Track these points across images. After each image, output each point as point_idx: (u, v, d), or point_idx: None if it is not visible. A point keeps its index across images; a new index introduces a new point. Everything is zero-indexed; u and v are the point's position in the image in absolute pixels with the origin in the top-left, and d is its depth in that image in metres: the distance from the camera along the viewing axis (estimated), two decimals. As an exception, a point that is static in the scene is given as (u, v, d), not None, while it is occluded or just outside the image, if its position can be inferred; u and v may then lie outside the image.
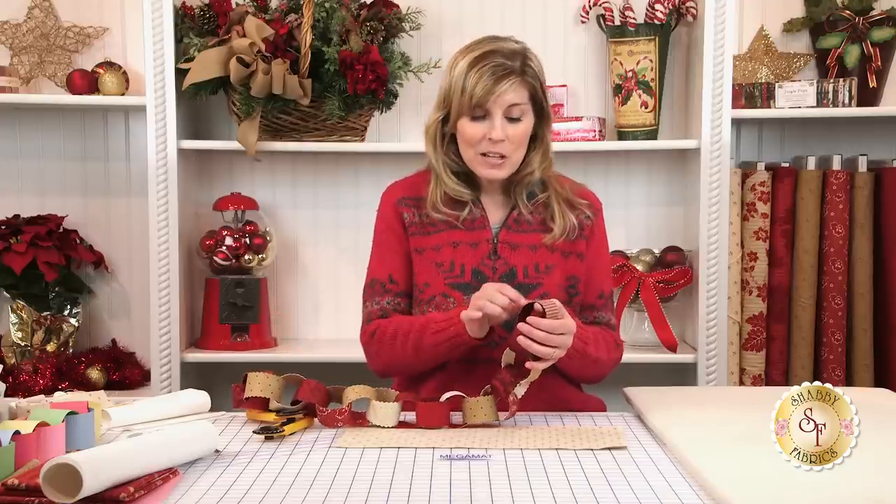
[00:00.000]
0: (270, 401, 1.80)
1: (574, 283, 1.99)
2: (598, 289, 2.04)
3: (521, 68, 1.92)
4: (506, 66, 1.91)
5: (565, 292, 1.97)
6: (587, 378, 2.02)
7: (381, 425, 1.75)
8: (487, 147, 1.93)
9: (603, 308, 2.04)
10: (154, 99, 2.72)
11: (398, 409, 1.77)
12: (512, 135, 1.93)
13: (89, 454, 1.33)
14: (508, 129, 1.93)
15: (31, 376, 2.74)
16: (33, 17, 2.96)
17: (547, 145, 2.00)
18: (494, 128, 1.92)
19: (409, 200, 2.04)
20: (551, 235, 1.98)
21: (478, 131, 1.93)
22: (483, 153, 1.94)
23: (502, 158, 1.94)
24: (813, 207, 2.86)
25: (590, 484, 1.42)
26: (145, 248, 2.79)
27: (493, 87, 1.90)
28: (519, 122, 1.94)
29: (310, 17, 2.64)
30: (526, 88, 1.93)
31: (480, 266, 1.97)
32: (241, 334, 2.85)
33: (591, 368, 1.95)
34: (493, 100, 1.91)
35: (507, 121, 1.93)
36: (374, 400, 1.78)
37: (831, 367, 2.86)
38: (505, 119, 1.92)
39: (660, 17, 2.85)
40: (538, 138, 1.99)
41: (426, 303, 1.98)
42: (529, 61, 1.95)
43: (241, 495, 1.37)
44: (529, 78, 1.93)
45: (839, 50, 2.90)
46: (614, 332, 2.06)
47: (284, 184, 3.04)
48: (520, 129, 1.94)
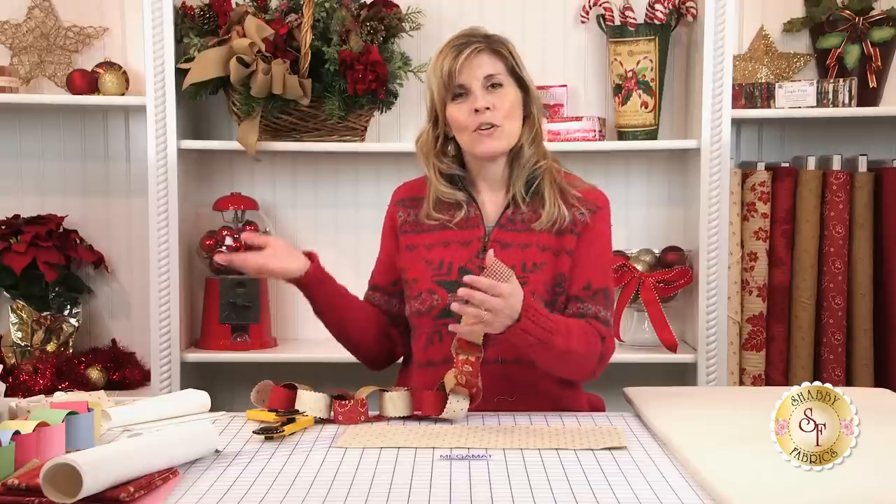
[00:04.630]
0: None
1: (561, 282, 1.96)
2: (584, 280, 1.96)
3: (489, 42, 1.97)
4: (472, 40, 1.96)
5: (551, 291, 1.95)
6: (565, 372, 1.94)
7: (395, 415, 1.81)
8: (477, 120, 1.94)
9: (590, 300, 1.96)
10: (154, 99, 2.72)
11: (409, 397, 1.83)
12: (497, 102, 1.94)
13: (89, 454, 1.33)
14: (492, 98, 1.94)
15: (31, 376, 2.74)
16: (33, 17, 2.96)
17: (535, 121, 2.01)
18: (476, 98, 1.93)
19: (409, 201, 2.08)
20: (539, 222, 1.98)
21: (463, 110, 1.95)
22: (475, 130, 1.95)
23: (495, 128, 1.95)
24: (813, 207, 2.86)
25: (590, 484, 1.42)
26: (145, 248, 2.79)
27: (459, 55, 1.93)
28: (501, 89, 1.96)
29: (310, 17, 2.64)
30: (500, 60, 1.96)
31: (468, 264, 1.97)
32: (241, 334, 2.85)
33: (566, 361, 1.87)
34: (465, 72, 1.94)
35: (488, 92, 1.94)
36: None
37: (831, 367, 2.86)
38: (485, 90, 1.94)
39: (660, 17, 2.85)
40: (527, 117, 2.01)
41: (413, 298, 2.00)
42: (500, 40, 1.98)
43: (241, 495, 1.37)
44: (501, 50, 1.97)
45: (839, 50, 2.89)
46: (602, 325, 1.96)
47: (284, 184, 3.04)
48: (504, 96, 1.96)
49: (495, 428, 1.75)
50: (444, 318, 1.93)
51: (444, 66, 1.95)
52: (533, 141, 2.01)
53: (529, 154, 2.00)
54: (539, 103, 2.03)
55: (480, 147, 1.97)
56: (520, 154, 2.00)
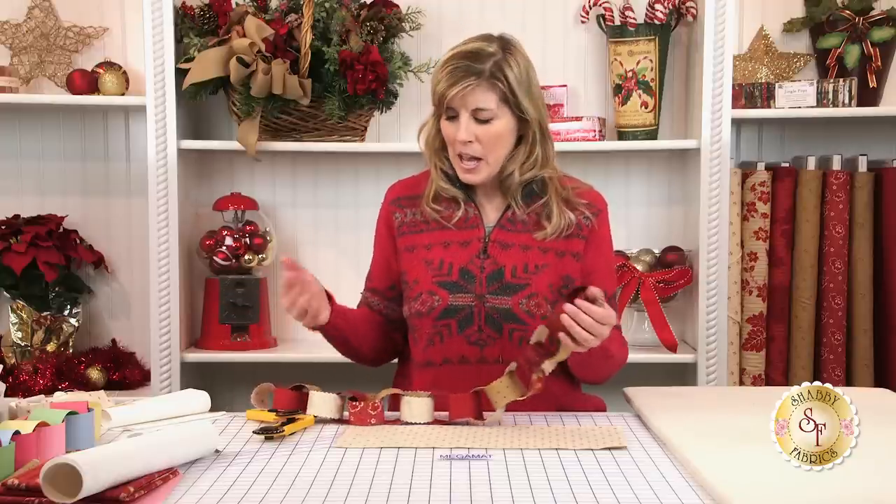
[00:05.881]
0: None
1: (568, 284, 1.96)
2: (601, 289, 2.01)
3: (490, 71, 1.89)
4: (470, 68, 1.89)
5: (557, 293, 1.95)
6: (601, 376, 1.99)
7: (416, 422, 1.77)
8: (460, 148, 1.93)
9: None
10: (154, 99, 2.72)
11: (431, 404, 1.78)
12: (482, 136, 1.91)
13: (89, 454, 1.33)
14: (477, 130, 1.91)
15: (31, 376, 2.74)
16: (33, 17, 2.96)
17: (532, 146, 1.96)
18: (460, 129, 1.91)
19: (405, 200, 2.05)
20: (543, 233, 1.97)
21: (451, 131, 1.94)
22: (459, 154, 1.94)
23: (476, 161, 1.93)
24: (813, 207, 2.86)
25: (590, 484, 1.42)
26: (145, 248, 2.79)
27: (451, 87, 1.89)
28: (489, 124, 1.91)
29: (310, 17, 2.64)
30: (494, 93, 1.90)
31: (469, 265, 1.96)
32: (241, 334, 2.85)
33: (608, 366, 1.95)
34: (456, 100, 1.90)
35: (476, 122, 1.91)
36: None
37: (831, 367, 2.86)
38: (473, 120, 1.91)
39: (660, 17, 2.85)
40: (523, 139, 1.97)
41: (413, 299, 1.98)
42: (502, 66, 1.90)
43: (241, 495, 1.37)
44: (498, 82, 1.89)
45: (839, 50, 2.89)
46: (619, 331, 2.04)
47: (284, 184, 3.04)
48: (491, 130, 1.91)
49: (495, 428, 1.75)
50: (445, 319, 1.93)
51: (437, 84, 1.92)
52: (532, 166, 1.96)
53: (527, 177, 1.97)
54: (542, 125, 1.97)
55: (461, 175, 1.97)
56: (510, 177, 1.97)
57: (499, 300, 1.93)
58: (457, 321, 1.93)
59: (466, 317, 1.93)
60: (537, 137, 1.97)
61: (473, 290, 1.94)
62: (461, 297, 1.94)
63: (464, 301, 1.94)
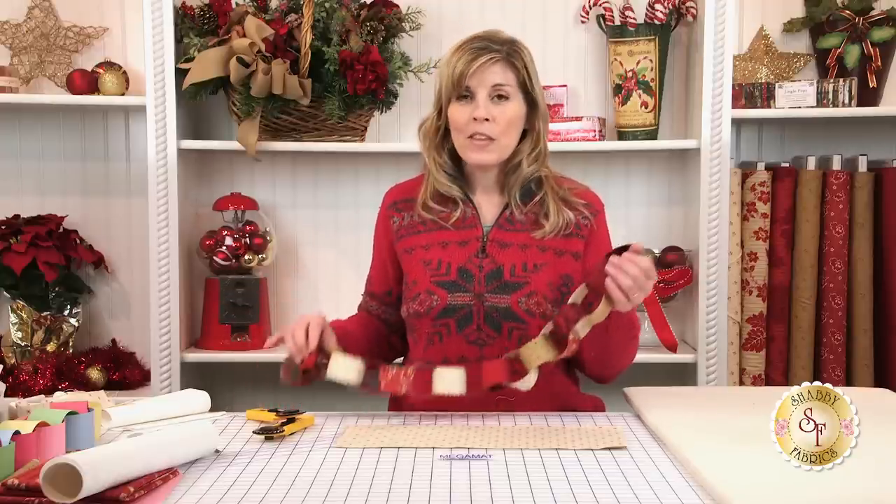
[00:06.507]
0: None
1: (568, 283, 1.96)
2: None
3: (507, 52, 1.94)
4: (490, 47, 1.94)
5: (557, 291, 1.95)
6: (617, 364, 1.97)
7: (448, 392, 1.76)
8: (474, 128, 1.93)
9: None
10: (154, 99, 2.72)
11: (464, 374, 1.77)
12: (498, 115, 1.92)
13: (89, 454, 1.33)
14: (494, 110, 1.92)
15: (31, 376, 2.74)
16: (33, 17, 2.96)
17: (538, 138, 1.99)
18: (478, 106, 1.92)
19: (402, 204, 2.05)
20: (541, 231, 1.97)
21: (464, 113, 1.93)
22: (470, 136, 1.94)
23: (489, 141, 1.94)
24: (813, 207, 2.86)
25: (590, 484, 1.42)
26: (145, 248, 2.79)
27: (474, 61, 1.91)
28: (506, 102, 1.93)
29: (310, 17, 2.64)
30: (512, 72, 1.94)
31: (467, 264, 1.96)
32: (241, 334, 2.85)
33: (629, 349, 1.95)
34: (476, 77, 1.92)
35: (492, 102, 1.93)
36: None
37: (831, 367, 2.86)
38: (490, 100, 1.93)
39: (660, 17, 2.85)
40: (530, 130, 1.99)
41: (412, 299, 1.98)
42: (518, 50, 1.95)
43: (241, 495, 1.37)
44: (516, 62, 1.94)
45: (839, 50, 2.90)
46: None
47: (284, 184, 3.04)
48: (507, 110, 1.93)
49: (495, 428, 1.75)
50: (444, 318, 1.93)
51: (456, 66, 1.93)
52: (535, 159, 1.98)
53: (529, 172, 1.98)
54: (545, 119, 2.00)
55: (471, 155, 1.96)
56: (517, 168, 1.98)
57: (498, 299, 1.93)
58: (456, 320, 1.93)
59: (465, 316, 1.93)
60: (543, 131, 1.99)
61: (472, 289, 1.94)
62: (460, 297, 1.94)
63: (462, 300, 1.94)
